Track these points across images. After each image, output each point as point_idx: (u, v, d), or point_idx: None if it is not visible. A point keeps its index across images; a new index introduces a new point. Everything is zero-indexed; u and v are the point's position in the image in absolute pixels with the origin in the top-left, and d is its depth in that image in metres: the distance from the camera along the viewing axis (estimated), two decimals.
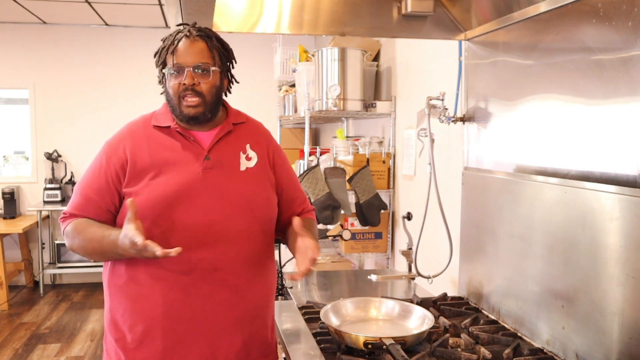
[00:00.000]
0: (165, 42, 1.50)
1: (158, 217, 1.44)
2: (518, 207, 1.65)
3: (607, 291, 1.28)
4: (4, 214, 5.33)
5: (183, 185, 1.46)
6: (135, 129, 1.54)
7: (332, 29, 1.85)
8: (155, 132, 1.52)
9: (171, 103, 1.50)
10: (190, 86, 1.45)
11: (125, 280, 1.48)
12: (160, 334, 1.44)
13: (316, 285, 2.26)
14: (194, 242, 1.43)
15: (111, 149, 1.52)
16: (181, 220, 1.44)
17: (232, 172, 1.52)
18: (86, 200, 1.50)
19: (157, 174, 1.47)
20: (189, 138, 1.51)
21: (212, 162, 1.50)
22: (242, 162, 1.54)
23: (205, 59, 1.47)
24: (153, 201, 1.44)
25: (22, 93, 5.61)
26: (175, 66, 1.46)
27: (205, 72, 1.47)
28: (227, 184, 1.50)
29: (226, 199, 1.48)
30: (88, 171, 1.54)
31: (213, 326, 1.46)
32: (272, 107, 5.19)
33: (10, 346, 4.03)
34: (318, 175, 2.89)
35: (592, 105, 1.36)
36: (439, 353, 1.46)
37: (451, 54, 2.22)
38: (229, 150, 1.54)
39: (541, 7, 1.52)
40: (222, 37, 1.55)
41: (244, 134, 1.59)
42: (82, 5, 4.73)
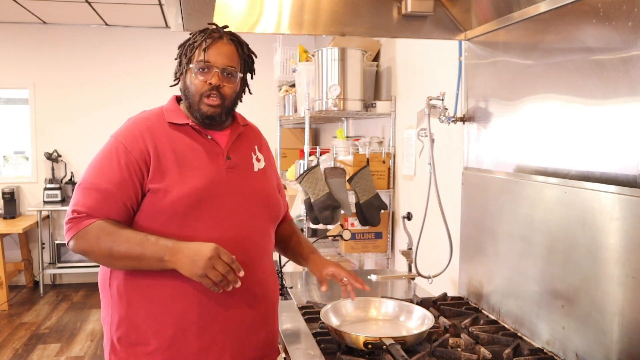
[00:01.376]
0: (195, 37, 1.48)
1: (187, 215, 1.41)
2: (518, 207, 1.65)
3: (607, 291, 1.28)
4: (4, 214, 5.33)
5: (211, 184, 1.45)
6: (150, 124, 1.48)
7: (332, 29, 1.85)
8: (172, 129, 1.49)
9: (190, 99, 1.48)
10: (215, 86, 1.45)
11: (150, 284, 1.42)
12: (195, 336, 1.42)
13: (316, 285, 2.25)
14: (223, 240, 1.40)
15: (130, 141, 1.44)
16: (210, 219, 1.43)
17: (249, 172, 1.55)
18: (106, 195, 1.39)
19: (183, 171, 1.44)
20: (207, 137, 1.51)
21: (233, 162, 1.51)
22: (254, 163, 1.58)
23: (234, 63, 1.48)
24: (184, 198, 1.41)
25: (22, 93, 5.61)
26: (205, 63, 1.45)
27: (231, 77, 1.47)
28: (247, 184, 1.52)
29: (247, 198, 1.50)
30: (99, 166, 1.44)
31: (243, 322, 1.47)
32: (272, 107, 5.19)
33: (10, 346, 4.03)
34: (318, 175, 2.89)
35: (592, 105, 1.36)
36: (439, 353, 1.46)
37: (451, 54, 2.22)
38: (243, 151, 1.57)
39: (541, 7, 1.52)
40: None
41: (251, 136, 1.63)
42: (82, 5, 4.73)
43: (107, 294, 1.47)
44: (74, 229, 1.38)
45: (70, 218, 1.40)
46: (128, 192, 1.40)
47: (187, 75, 1.48)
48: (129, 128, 1.48)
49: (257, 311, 1.49)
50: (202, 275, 1.31)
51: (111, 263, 1.41)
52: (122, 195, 1.40)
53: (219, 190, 1.45)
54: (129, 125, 1.48)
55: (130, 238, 1.37)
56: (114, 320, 1.44)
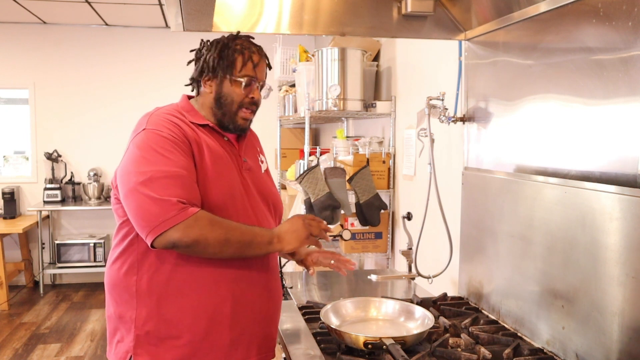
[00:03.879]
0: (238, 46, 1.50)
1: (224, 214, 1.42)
2: (518, 207, 1.65)
3: (607, 291, 1.28)
4: (4, 214, 5.33)
5: (237, 184, 1.50)
6: (176, 120, 1.45)
7: (332, 29, 1.85)
8: (195, 127, 1.48)
9: (225, 107, 1.51)
10: (257, 101, 1.54)
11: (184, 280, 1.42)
12: (227, 327, 1.46)
13: (316, 285, 2.26)
14: None
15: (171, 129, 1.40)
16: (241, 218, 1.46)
17: (259, 173, 1.64)
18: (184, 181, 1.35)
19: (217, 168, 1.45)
20: (225, 138, 1.55)
21: (248, 164, 1.58)
22: (260, 164, 1.67)
23: (264, 78, 1.57)
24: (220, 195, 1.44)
25: (22, 93, 5.61)
26: (249, 78, 1.51)
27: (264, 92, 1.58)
28: (261, 184, 1.60)
29: (261, 198, 1.57)
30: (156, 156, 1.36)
31: (266, 314, 1.54)
32: (272, 107, 5.19)
33: (10, 346, 4.03)
34: (318, 175, 2.89)
35: (592, 105, 1.36)
36: (439, 353, 1.46)
37: (451, 54, 2.22)
38: (252, 153, 1.65)
39: (541, 7, 1.52)
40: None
41: (252, 139, 1.71)
42: (82, 5, 4.73)
43: (129, 291, 1.45)
44: (180, 217, 1.31)
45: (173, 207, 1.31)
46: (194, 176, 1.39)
47: (223, 82, 1.50)
48: (161, 120, 1.43)
49: (274, 305, 1.58)
50: (308, 235, 1.47)
51: (222, 250, 1.39)
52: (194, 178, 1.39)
53: (242, 191, 1.51)
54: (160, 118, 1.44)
55: (238, 225, 1.41)
56: (141, 316, 1.43)
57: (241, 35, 1.56)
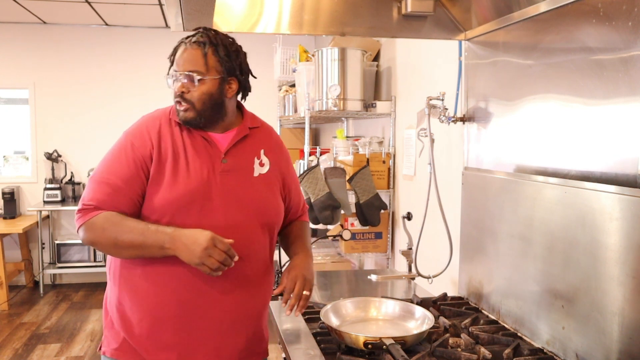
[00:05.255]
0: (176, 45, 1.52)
1: (176, 215, 1.44)
2: (518, 207, 1.65)
3: (607, 291, 1.28)
4: (4, 214, 5.33)
5: (202, 186, 1.47)
6: (156, 121, 1.53)
7: (332, 29, 1.84)
8: (175, 128, 1.52)
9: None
10: (179, 93, 1.47)
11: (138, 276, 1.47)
12: (170, 330, 1.46)
13: (316, 285, 2.26)
14: None
15: (136, 137, 1.49)
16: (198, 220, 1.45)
17: (246, 177, 1.54)
18: (115, 190, 1.44)
19: (178, 172, 1.47)
20: (207, 138, 1.52)
21: (229, 165, 1.51)
22: (255, 167, 1.56)
23: (195, 67, 1.46)
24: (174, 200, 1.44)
25: (22, 93, 5.61)
26: (173, 72, 1.49)
27: (193, 81, 1.47)
28: (242, 188, 1.52)
29: (240, 203, 1.50)
30: (110, 161, 1.49)
31: (221, 324, 1.49)
32: (272, 107, 5.18)
33: (10, 346, 4.03)
34: (318, 175, 2.89)
35: (592, 105, 1.36)
36: (439, 353, 1.46)
37: (451, 54, 2.22)
38: (245, 154, 1.56)
39: (541, 7, 1.52)
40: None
41: (259, 139, 1.61)
42: (82, 5, 4.73)
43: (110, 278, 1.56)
44: (82, 219, 1.44)
45: (79, 209, 1.46)
46: (135, 187, 1.45)
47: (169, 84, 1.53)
48: (139, 126, 1.52)
49: (239, 315, 1.51)
50: (200, 263, 1.36)
51: (117, 252, 1.46)
52: (129, 190, 1.45)
53: (208, 194, 1.47)
54: (140, 124, 1.53)
55: (132, 228, 1.41)
56: (112, 300, 1.53)
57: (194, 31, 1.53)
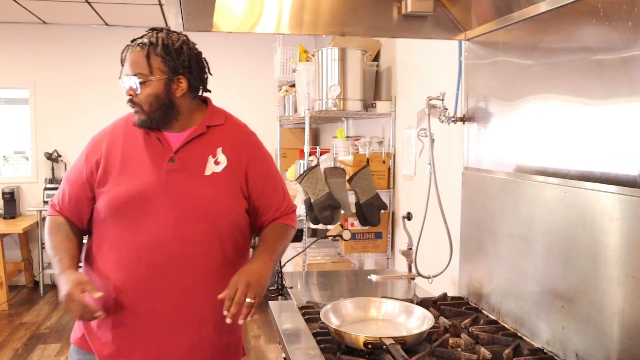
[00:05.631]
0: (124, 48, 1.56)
1: (119, 217, 1.48)
2: (518, 207, 1.65)
3: (607, 291, 1.28)
4: (4, 214, 5.33)
5: (145, 187, 1.48)
6: (117, 126, 1.60)
7: (332, 29, 1.84)
8: (132, 131, 1.56)
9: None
10: (128, 97, 1.51)
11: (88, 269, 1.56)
12: (110, 326, 1.50)
13: (316, 285, 2.26)
14: (151, 244, 1.46)
15: (92, 145, 1.58)
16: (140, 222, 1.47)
17: (196, 176, 1.51)
18: (68, 196, 1.57)
19: (123, 173, 1.50)
20: (160, 139, 1.53)
21: (177, 165, 1.51)
22: (209, 166, 1.53)
23: (138, 69, 1.48)
24: (116, 200, 1.48)
25: (22, 93, 5.61)
26: (122, 77, 1.52)
27: (141, 83, 1.49)
28: (189, 188, 1.50)
29: (185, 203, 1.49)
30: (72, 166, 1.62)
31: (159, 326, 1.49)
32: (272, 107, 5.18)
33: (10, 346, 4.03)
34: (318, 175, 2.89)
35: (592, 105, 1.36)
36: (439, 353, 1.46)
37: (451, 54, 2.22)
38: (198, 153, 1.53)
39: (541, 7, 1.52)
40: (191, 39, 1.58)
41: (219, 136, 1.57)
42: (82, 5, 4.73)
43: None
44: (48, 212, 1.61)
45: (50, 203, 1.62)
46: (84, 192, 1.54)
47: None
48: (100, 131, 1.62)
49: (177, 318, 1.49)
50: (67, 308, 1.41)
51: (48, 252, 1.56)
52: (78, 195, 1.54)
53: (152, 194, 1.47)
54: (101, 130, 1.62)
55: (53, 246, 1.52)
56: None
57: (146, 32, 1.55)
